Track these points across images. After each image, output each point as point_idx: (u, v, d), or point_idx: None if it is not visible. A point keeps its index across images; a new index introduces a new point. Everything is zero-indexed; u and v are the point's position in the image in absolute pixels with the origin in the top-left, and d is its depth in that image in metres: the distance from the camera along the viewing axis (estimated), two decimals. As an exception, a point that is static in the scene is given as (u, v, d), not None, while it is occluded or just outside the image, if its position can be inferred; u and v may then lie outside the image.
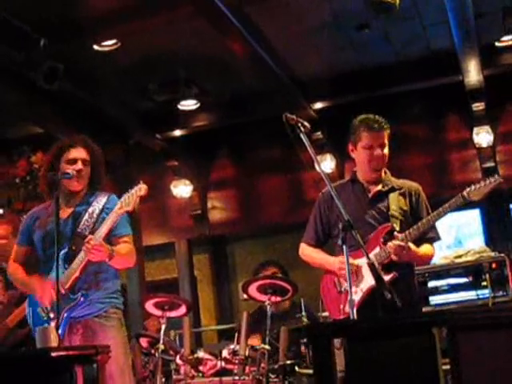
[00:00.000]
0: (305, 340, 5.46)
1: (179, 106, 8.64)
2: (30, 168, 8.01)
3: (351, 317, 3.51)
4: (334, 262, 4.23)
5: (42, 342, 3.47)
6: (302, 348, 5.46)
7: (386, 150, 4.28)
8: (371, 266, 3.69)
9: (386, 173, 4.39)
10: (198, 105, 8.69)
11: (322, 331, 3.22)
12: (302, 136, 3.84)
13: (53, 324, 3.83)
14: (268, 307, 5.47)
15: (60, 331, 3.66)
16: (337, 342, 3.97)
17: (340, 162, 9.28)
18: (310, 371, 5.29)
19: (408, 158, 9.29)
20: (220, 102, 9.00)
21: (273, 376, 5.32)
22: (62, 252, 4.01)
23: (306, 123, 3.89)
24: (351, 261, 3.93)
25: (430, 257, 4.36)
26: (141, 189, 3.91)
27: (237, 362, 5.55)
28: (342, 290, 4.16)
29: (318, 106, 8.90)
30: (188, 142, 9.88)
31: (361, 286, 4.13)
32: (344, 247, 3.61)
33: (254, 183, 10.15)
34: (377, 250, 4.14)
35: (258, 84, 8.29)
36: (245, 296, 5.84)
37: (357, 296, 4.06)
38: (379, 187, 4.34)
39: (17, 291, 5.05)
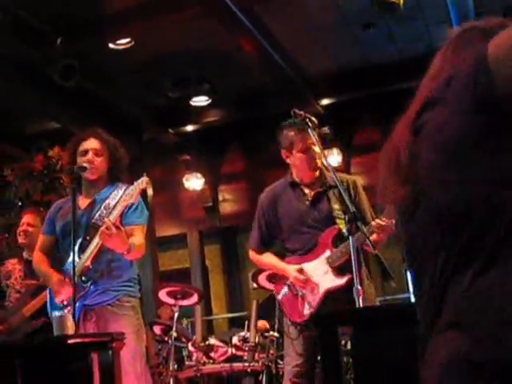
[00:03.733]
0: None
1: (191, 102, 8.79)
2: (48, 162, 8.05)
3: (357, 305, 3.52)
4: (289, 273, 4.20)
5: (59, 329, 3.50)
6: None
7: (318, 148, 4.19)
8: (376, 257, 3.82)
9: (320, 170, 4.32)
10: (210, 101, 8.80)
11: (329, 319, 3.26)
12: (309, 131, 3.95)
13: (68, 312, 3.90)
14: (276, 296, 5.64)
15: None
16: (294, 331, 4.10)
17: (346, 156, 9.27)
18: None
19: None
20: (230, 98, 9.08)
21: (281, 362, 5.37)
22: (78, 242, 4.09)
23: (313, 118, 3.99)
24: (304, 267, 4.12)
25: None
26: (142, 182, 3.96)
27: (247, 348, 5.72)
28: (299, 293, 4.15)
29: (325, 102, 9.01)
30: (200, 137, 9.99)
31: (315, 290, 4.10)
32: (350, 238, 3.64)
33: (264, 176, 10.04)
34: (327, 253, 4.08)
35: (267, 81, 8.38)
36: (254, 285, 5.92)
37: (314, 301, 4.10)
38: (317, 188, 4.27)
39: (34, 282, 5.13)
